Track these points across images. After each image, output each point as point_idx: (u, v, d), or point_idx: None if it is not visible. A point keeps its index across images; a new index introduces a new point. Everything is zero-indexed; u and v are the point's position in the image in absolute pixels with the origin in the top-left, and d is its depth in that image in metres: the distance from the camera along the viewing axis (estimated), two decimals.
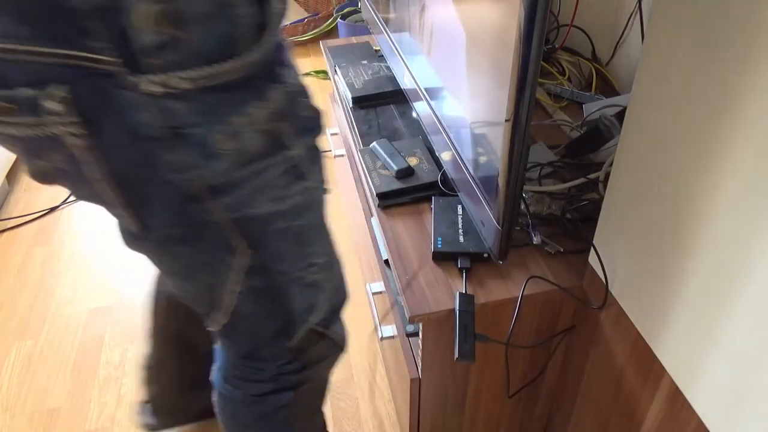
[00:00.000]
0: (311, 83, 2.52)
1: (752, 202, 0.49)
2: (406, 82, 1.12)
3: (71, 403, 1.30)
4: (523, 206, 0.89)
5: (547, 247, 0.87)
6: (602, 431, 0.88)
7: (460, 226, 0.90)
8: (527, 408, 1.05)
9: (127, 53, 0.46)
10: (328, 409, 1.29)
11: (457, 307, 0.80)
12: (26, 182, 1.99)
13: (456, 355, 0.76)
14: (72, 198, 1.90)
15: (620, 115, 0.94)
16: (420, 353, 0.88)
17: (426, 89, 0.99)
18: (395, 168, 1.00)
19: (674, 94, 0.57)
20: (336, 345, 0.76)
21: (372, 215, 1.03)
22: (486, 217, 0.78)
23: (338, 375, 1.42)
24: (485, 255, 0.85)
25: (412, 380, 0.91)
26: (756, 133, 0.48)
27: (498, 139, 0.70)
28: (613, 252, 0.73)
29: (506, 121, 0.66)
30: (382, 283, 1.10)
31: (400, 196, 0.98)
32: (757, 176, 0.48)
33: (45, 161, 0.53)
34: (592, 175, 0.93)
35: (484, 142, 0.75)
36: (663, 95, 0.58)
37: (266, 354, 0.71)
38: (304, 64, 2.63)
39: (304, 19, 2.70)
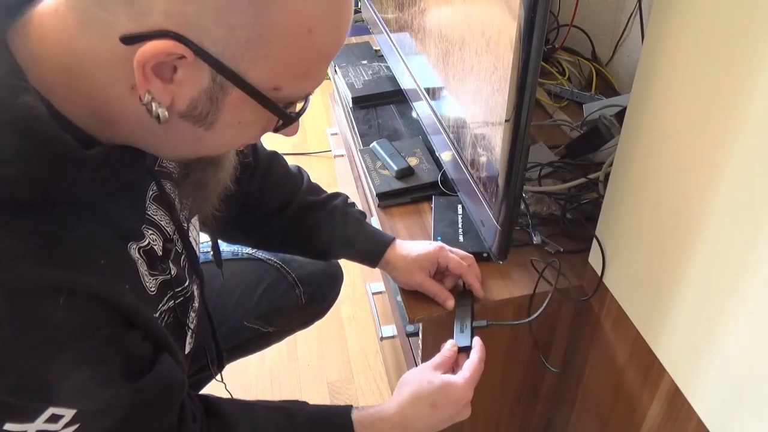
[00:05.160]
0: None
1: (752, 202, 0.49)
2: (406, 82, 1.12)
3: None
4: (523, 206, 0.89)
5: (547, 247, 0.87)
6: (602, 431, 0.88)
7: (460, 226, 0.90)
8: (527, 408, 1.05)
9: None
10: None
11: (456, 306, 0.80)
12: None
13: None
14: None
15: (620, 115, 0.94)
16: (420, 353, 0.88)
17: (426, 89, 0.99)
18: (395, 168, 1.00)
19: (674, 94, 0.57)
20: None
21: (372, 215, 1.03)
22: (486, 217, 0.78)
23: (338, 375, 1.42)
24: (485, 255, 0.85)
25: None
26: (756, 133, 0.48)
27: (498, 140, 0.70)
28: (613, 252, 0.73)
29: (506, 121, 0.66)
30: (382, 283, 1.10)
31: (400, 196, 0.98)
32: (757, 176, 0.48)
33: None
34: (592, 175, 0.93)
35: (484, 142, 0.75)
36: (663, 95, 0.58)
37: None
38: None
39: None
